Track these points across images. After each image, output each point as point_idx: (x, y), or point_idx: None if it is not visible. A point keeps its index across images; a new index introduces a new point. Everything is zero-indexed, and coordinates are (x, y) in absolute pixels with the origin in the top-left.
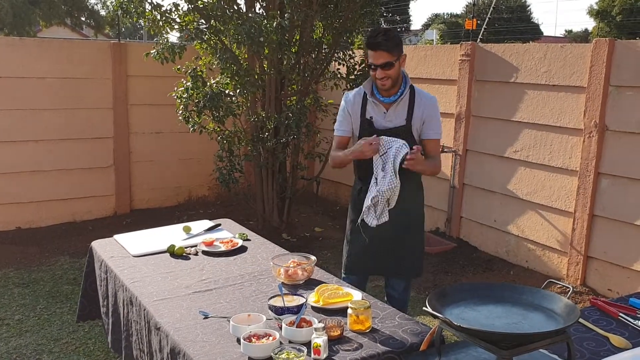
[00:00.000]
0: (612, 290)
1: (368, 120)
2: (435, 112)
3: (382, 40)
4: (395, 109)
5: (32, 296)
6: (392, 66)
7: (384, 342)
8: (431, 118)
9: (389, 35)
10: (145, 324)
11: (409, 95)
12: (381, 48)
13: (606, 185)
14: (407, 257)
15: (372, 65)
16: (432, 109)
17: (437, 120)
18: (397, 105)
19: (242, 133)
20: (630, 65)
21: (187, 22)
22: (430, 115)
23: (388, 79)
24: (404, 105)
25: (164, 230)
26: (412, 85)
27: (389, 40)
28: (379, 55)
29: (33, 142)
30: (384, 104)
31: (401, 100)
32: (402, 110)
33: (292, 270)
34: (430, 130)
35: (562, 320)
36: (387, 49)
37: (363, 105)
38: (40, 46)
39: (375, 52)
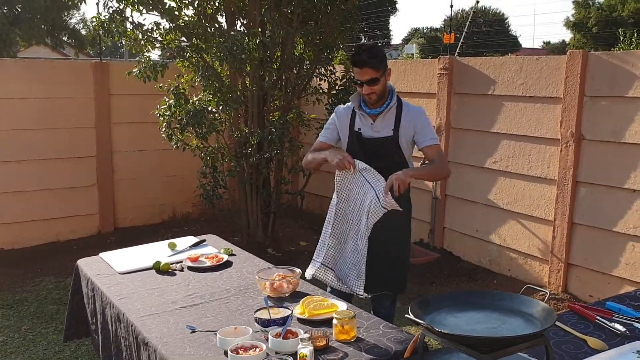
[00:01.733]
0: (593, 296)
1: (356, 132)
2: (424, 120)
3: (366, 57)
4: (382, 120)
5: (16, 317)
6: (377, 82)
7: (368, 350)
8: (422, 127)
9: (374, 52)
10: (134, 340)
11: (396, 107)
12: (366, 65)
13: (584, 193)
14: (391, 273)
15: (358, 81)
16: (420, 118)
17: (428, 127)
18: (384, 116)
19: (226, 149)
20: (604, 76)
21: (169, 41)
22: (420, 125)
23: (374, 94)
24: (391, 117)
25: (150, 247)
26: (399, 98)
27: (373, 57)
28: (364, 72)
29: (15, 163)
30: (371, 116)
31: (388, 111)
32: (389, 121)
33: (278, 283)
34: (424, 138)
35: (539, 323)
36: (372, 65)
37: (352, 118)
38: (21, 66)
39: (360, 69)
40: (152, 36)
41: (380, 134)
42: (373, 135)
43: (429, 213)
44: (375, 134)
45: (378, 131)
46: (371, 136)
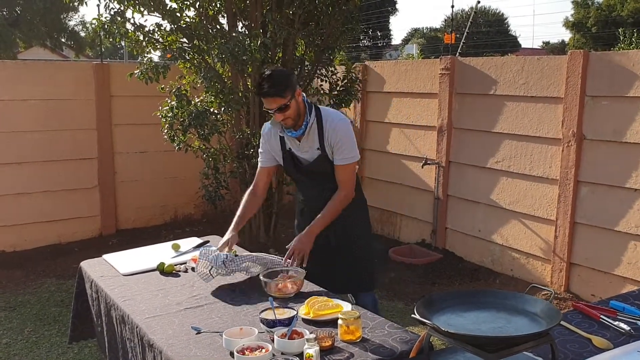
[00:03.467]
0: (595, 295)
1: (289, 151)
2: (338, 137)
3: (267, 88)
4: (306, 139)
5: (19, 319)
6: (287, 108)
7: (374, 350)
8: (336, 143)
9: (274, 80)
10: (139, 342)
11: (317, 122)
12: (268, 95)
13: (586, 192)
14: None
15: (269, 110)
16: (335, 134)
17: (344, 144)
18: (307, 135)
19: (228, 150)
20: (605, 76)
21: (170, 42)
22: (335, 141)
23: (289, 119)
24: (314, 133)
25: (153, 249)
26: (318, 110)
27: (274, 85)
28: (271, 101)
29: (16, 165)
30: (296, 138)
31: (308, 131)
32: (313, 139)
33: (282, 284)
34: (337, 156)
35: (545, 322)
36: (276, 94)
37: (282, 138)
38: (22, 68)
39: (266, 99)
40: (153, 37)
41: (309, 154)
42: (302, 156)
43: (431, 213)
44: (304, 154)
45: (306, 151)
46: (301, 156)
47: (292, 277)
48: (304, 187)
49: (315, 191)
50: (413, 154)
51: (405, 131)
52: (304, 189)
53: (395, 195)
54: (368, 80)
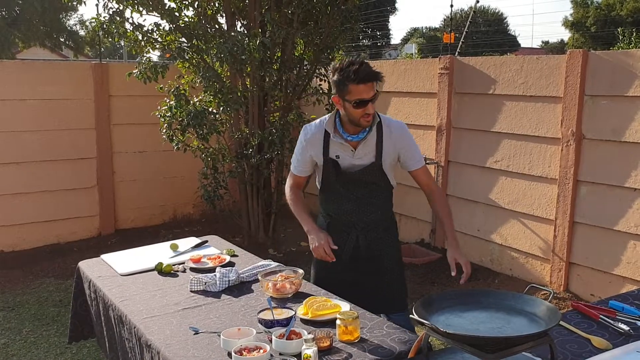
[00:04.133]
0: (594, 295)
1: (333, 160)
2: (408, 139)
3: (369, 69)
4: (364, 146)
5: (17, 320)
6: (375, 100)
7: (372, 351)
8: (407, 147)
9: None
10: (137, 342)
11: (376, 127)
12: (370, 79)
13: (585, 192)
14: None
15: (360, 101)
16: (403, 138)
17: (414, 146)
18: (365, 142)
19: (226, 150)
20: (604, 75)
21: (169, 42)
22: (405, 145)
23: (370, 115)
24: (372, 140)
25: (151, 249)
26: (377, 114)
27: (371, 68)
28: (369, 87)
29: (15, 165)
30: (351, 142)
31: (369, 135)
32: (370, 146)
33: (281, 284)
34: (412, 160)
35: (544, 323)
36: (375, 77)
37: (325, 143)
38: (21, 68)
39: (366, 84)
40: (152, 37)
41: (362, 161)
42: (354, 163)
43: (430, 213)
44: (357, 161)
45: (360, 158)
46: (352, 164)
47: (290, 277)
48: (337, 200)
49: (348, 205)
50: None
51: None
52: (336, 201)
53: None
54: None
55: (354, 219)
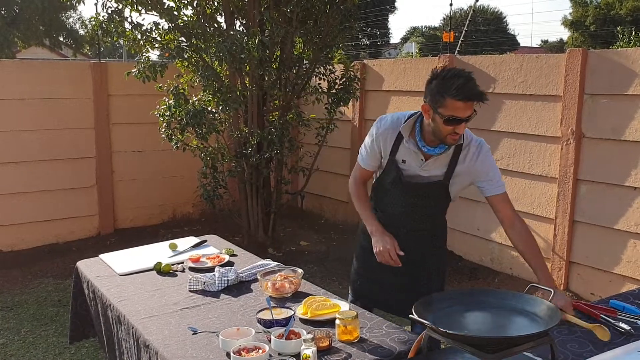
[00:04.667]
0: (594, 294)
1: (397, 162)
2: (488, 164)
3: (475, 88)
4: (435, 160)
5: (16, 320)
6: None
7: (372, 351)
8: (487, 171)
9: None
10: (135, 342)
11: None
12: (477, 99)
13: (585, 191)
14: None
15: (454, 119)
16: (486, 161)
17: (495, 170)
18: (437, 157)
19: (226, 149)
20: (604, 74)
21: (168, 41)
22: (486, 169)
23: (460, 134)
24: (447, 157)
25: (150, 248)
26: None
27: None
28: (468, 107)
29: (13, 164)
30: (425, 154)
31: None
32: (442, 162)
33: (280, 283)
34: (491, 185)
35: (544, 323)
36: (482, 97)
37: (396, 144)
38: (20, 67)
39: (466, 103)
40: (151, 36)
41: (429, 173)
42: (419, 173)
43: None
44: (423, 172)
45: (427, 170)
46: (416, 174)
47: (290, 277)
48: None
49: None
50: None
51: None
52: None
53: None
54: (367, 79)
55: (402, 223)
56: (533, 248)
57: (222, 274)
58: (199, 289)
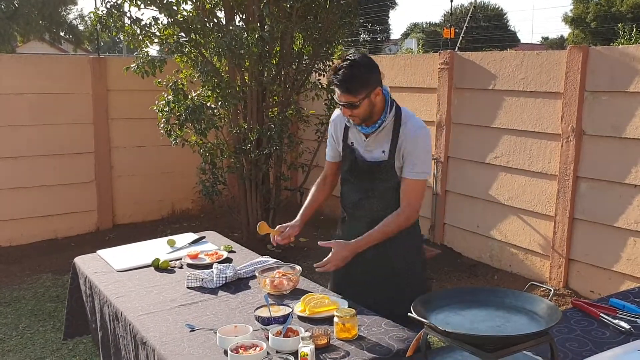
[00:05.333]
0: (594, 291)
1: (350, 145)
2: (415, 148)
3: (340, 81)
4: (375, 138)
5: (14, 315)
6: (356, 107)
7: (370, 349)
8: (409, 153)
9: (351, 74)
10: (132, 339)
11: (393, 124)
12: (340, 89)
13: (585, 188)
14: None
15: (339, 103)
16: (412, 143)
17: (417, 157)
18: (377, 135)
19: (225, 145)
20: (605, 71)
21: (167, 36)
22: (408, 150)
23: (355, 117)
24: (386, 135)
25: (148, 244)
26: (399, 111)
27: (348, 81)
28: (339, 94)
29: (12, 159)
30: (363, 133)
31: (380, 130)
32: (383, 141)
33: (278, 280)
34: (406, 168)
35: (544, 321)
36: (346, 90)
37: (345, 129)
38: (19, 62)
39: (336, 89)
40: (150, 31)
41: (372, 155)
42: (365, 156)
43: (430, 209)
44: (367, 154)
45: (370, 151)
46: (363, 158)
47: (288, 274)
48: (348, 191)
49: (357, 197)
50: None
51: None
52: (347, 193)
53: None
54: None
55: (359, 212)
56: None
57: (220, 271)
58: (196, 286)
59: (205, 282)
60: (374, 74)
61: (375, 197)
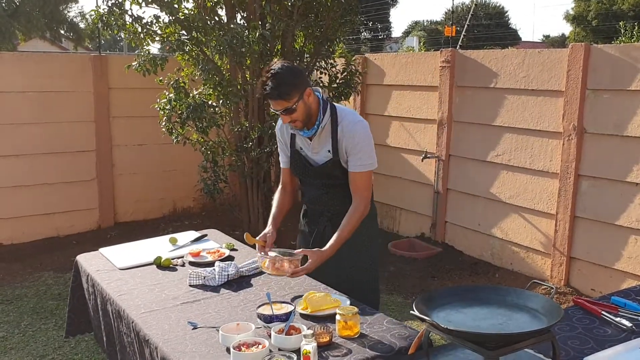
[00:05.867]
0: (595, 290)
1: (298, 151)
2: (355, 142)
3: (270, 89)
4: (318, 139)
5: (16, 313)
6: (293, 111)
7: (372, 346)
8: (351, 148)
9: (279, 80)
10: (135, 337)
11: (331, 123)
12: (272, 98)
13: (586, 186)
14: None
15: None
16: (351, 138)
17: (359, 150)
18: (319, 136)
19: (226, 143)
20: (606, 69)
21: (169, 34)
22: (350, 146)
23: (297, 121)
24: (327, 135)
25: (150, 242)
26: (334, 109)
27: (278, 86)
28: (275, 103)
29: (14, 157)
30: (306, 137)
31: (321, 132)
32: (325, 141)
33: (280, 262)
34: (350, 162)
35: (546, 319)
36: (279, 96)
37: (292, 135)
38: (20, 60)
39: (269, 100)
40: (151, 29)
41: (319, 155)
42: (313, 158)
43: (431, 207)
44: (314, 156)
45: (317, 152)
46: (313, 160)
47: (290, 257)
48: (308, 188)
49: (317, 193)
50: (413, 148)
51: (405, 124)
52: (307, 190)
53: (395, 189)
54: (368, 73)
55: (320, 207)
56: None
57: (222, 269)
58: (199, 284)
59: (207, 280)
60: (299, 77)
61: (332, 192)
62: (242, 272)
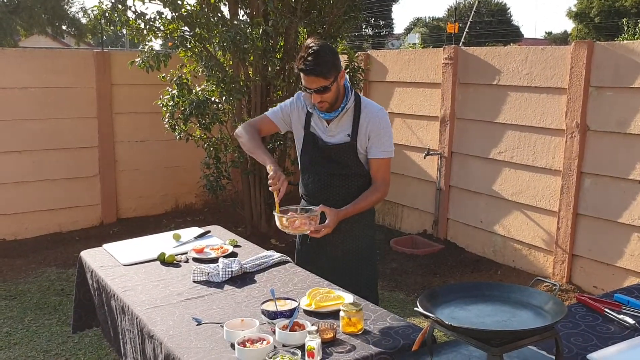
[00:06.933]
0: (597, 287)
1: (312, 133)
2: (380, 127)
3: (311, 65)
4: (337, 123)
5: (19, 308)
6: (327, 90)
7: (376, 343)
8: (377, 134)
9: (320, 58)
10: (139, 332)
11: (354, 108)
12: (313, 74)
13: (589, 184)
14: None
15: (307, 89)
16: (377, 123)
17: (383, 136)
18: (339, 120)
19: (229, 140)
20: (609, 66)
21: (172, 30)
22: (375, 131)
23: (325, 102)
24: (348, 119)
25: (154, 239)
26: (358, 96)
27: (320, 64)
28: (311, 80)
29: (17, 153)
30: (325, 119)
31: (343, 115)
32: (346, 125)
33: (300, 220)
34: (375, 149)
35: (549, 317)
36: (320, 74)
37: (308, 115)
38: (22, 56)
39: (307, 77)
40: (154, 26)
41: (335, 139)
42: (328, 140)
43: (433, 204)
44: (330, 139)
45: (333, 136)
46: (326, 142)
47: (309, 212)
48: (311, 178)
49: (319, 185)
50: (415, 145)
51: (407, 121)
52: (310, 180)
53: (397, 186)
54: (370, 70)
55: (323, 200)
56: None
57: (225, 265)
58: (202, 280)
59: (211, 276)
60: (338, 58)
61: (334, 186)
62: (246, 269)
